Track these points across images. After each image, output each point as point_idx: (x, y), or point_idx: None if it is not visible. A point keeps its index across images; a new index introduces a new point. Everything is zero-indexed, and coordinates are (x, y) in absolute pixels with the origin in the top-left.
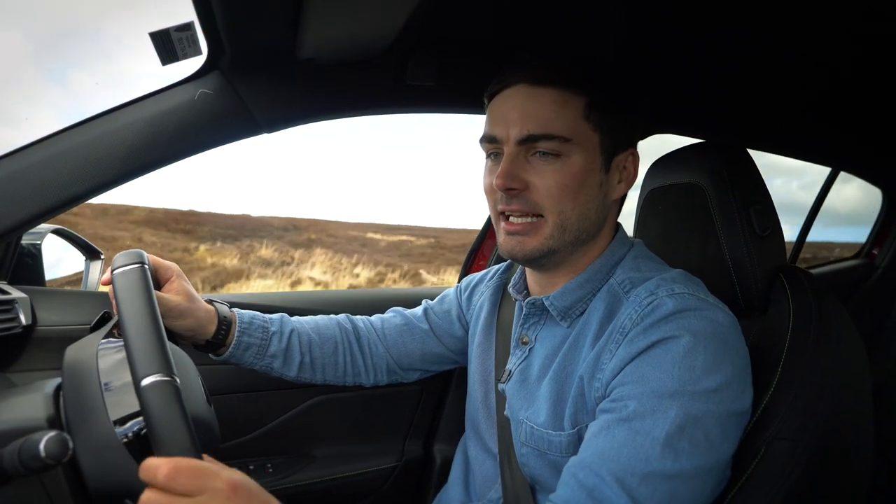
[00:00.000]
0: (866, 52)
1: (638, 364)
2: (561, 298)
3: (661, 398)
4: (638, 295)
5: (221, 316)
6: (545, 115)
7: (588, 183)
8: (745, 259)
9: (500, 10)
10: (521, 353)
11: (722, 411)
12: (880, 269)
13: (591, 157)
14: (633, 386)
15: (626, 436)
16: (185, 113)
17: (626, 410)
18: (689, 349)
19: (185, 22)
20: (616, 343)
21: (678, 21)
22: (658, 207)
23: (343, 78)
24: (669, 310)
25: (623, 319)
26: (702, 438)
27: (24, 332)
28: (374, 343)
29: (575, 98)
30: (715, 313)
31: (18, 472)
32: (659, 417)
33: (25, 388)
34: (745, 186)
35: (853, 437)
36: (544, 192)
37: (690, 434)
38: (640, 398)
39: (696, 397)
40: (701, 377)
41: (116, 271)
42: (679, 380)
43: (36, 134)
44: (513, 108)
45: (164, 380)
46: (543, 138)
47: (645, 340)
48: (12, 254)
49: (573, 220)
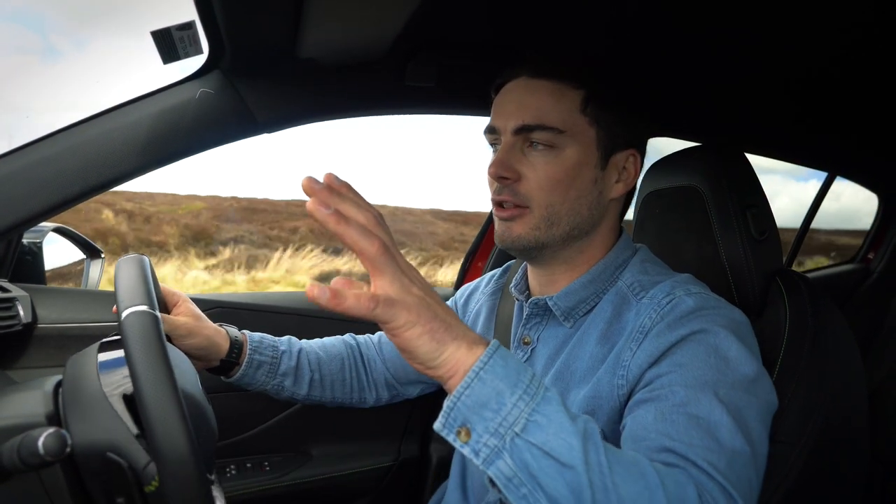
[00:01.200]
0: (862, 57)
1: (672, 357)
2: (564, 299)
3: (706, 386)
4: (654, 296)
5: (232, 336)
6: (541, 106)
7: (581, 177)
8: (742, 262)
9: (500, 11)
10: (522, 354)
11: (761, 402)
12: (875, 273)
13: (586, 152)
14: (674, 375)
15: (688, 420)
16: (185, 112)
17: (677, 397)
18: (721, 341)
19: (187, 21)
20: (636, 341)
21: (675, 24)
22: (655, 210)
23: (343, 78)
24: (690, 307)
25: (642, 319)
26: (749, 428)
27: (25, 330)
28: (373, 359)
29: (572, 91)
30: (733, 312)
31: (17, 468)
32: (715, 407)
33: (25, 384)
34: (743, 189)
35: (849, 441)
36: (535, 184)
37: (743, 421)
38: (687, 387)
39: (737, 386)
40: (737, 367)
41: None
42: (717, 369)
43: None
44: (511, 100)
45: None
46: (538, 128)
47: (673, 335)
48: (13, 252)
49: (562, 213)
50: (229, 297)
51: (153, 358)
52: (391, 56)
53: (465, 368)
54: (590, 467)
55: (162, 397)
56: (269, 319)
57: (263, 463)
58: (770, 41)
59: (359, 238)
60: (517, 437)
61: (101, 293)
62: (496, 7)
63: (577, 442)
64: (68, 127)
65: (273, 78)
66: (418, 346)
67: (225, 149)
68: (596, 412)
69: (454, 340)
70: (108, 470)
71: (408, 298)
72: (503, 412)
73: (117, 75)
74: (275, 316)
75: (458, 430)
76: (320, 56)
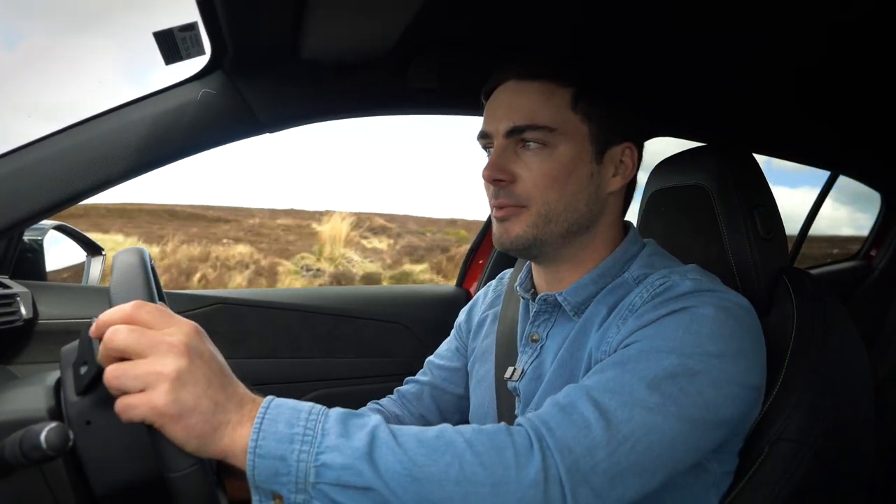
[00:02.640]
0: (866, 56)
1: (645, 329)
2: (574, 294)
3: (659, 351)
4: (650, 280)
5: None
6: (530, 107)
7: (577, 173)
8: (749, 261)
9: (500, 11)
10: (531, 351)
11: (720, 377)
12: (878, 270)
13: (579, 148)
14: (637, 344)
15: (615, 372)
16: (187, 112)
17: (622, 356)
18: (697, 318)
19: (189, 22)
20: (623, 318)
21: (676, 23)
22: (661, 209)
23: (345, 79)
24: (684, 289)
25: (633, 298)
26: (694, 392)
27: (26, 326)
28: (404, 418)
29: (561, 89)
30: (731, 295)
31: (20, 463)
32: (653, 361)
33: (27, 379)
34: (749, 189)
35: (855, 439)
36: (531, 183)
37: (682, 384)
38: (640, 349)
39: (695, 357)
40: (703, 343)
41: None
42: (681, 341)
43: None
44: (500, 104)
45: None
46: (528, 129)
47: (655, 313)
48: (14, 249)
49: (559, 210)
50: (230, 294)
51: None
52: (393, 56)
53: (242, 447)
54: (386, 478)
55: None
56: (269, 315)
57: None
58: (772, 40)
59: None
60: (315, 486)
61: (102, 289)
62: (497, 7)
63: (364, 463)
64: (70, 126)
65: (275, 78)
66: (183, 443)
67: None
68: None
69: (216, 430)
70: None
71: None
72: (292, 472)
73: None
74: (275, 312)
75: (273, 498)
76: (322, 56)
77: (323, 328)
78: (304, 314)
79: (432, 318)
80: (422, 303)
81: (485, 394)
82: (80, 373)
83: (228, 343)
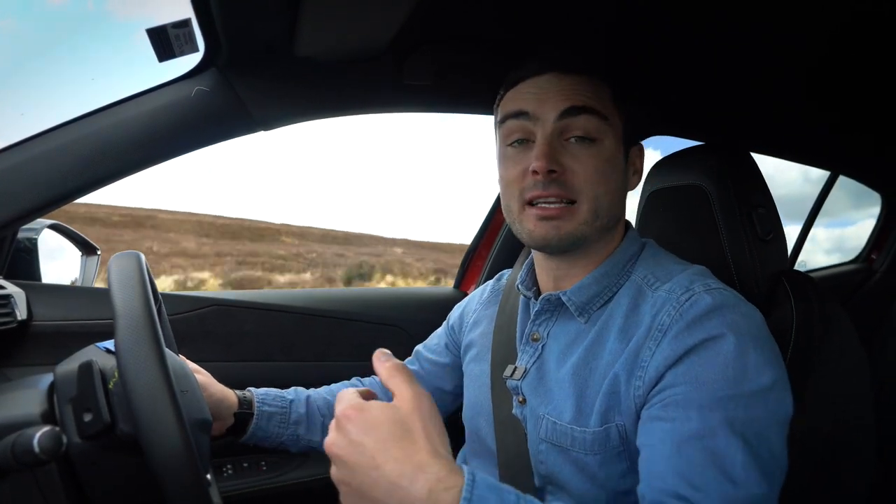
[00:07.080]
0: (866, 56)
1: (689, 365)
2: (578, 294)
3: (720, 407)
4: (672, 290)
5: (239, 394)
6: (586, 93)
7: (618, 169)
8: (748, 262)
9: (499, 8)
10: (532, 350)
11: (779, 411)
12: (878, 273)
13: (618, 144)
14: (689, 391)
15: (705, 458)
16: (181, 110)
17: (692, 425)
18: (738, 348)
19: (183, 19)
20: (655, 340)
21: (676, 22)
22: (659, 209)
23: (340, 76)
24: (709, 305)
25: (661, 317)
26: (761, 452)
27: (20, 327)
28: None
29: (603, 84)
30: (750, 310)
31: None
32: (732, 440)
33: (20, 382)
34: (748, 189)
35: (855, 441)
36: (582, 177)
37: (758, 446)
38: (701, 408)
39: (753, 401)
40: (754, 377)
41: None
42: (734, 381)
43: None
44: (548, 87)
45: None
46: (585, 112)
47: (690, 339)
48: (8, 248)
49: (605, 206)
50: (225, 296)
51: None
52: (388, 54)
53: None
54: None
55: (155, 390)
56: (264, 317)
57: (260, 463)
58: (771, 39)
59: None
60: None
61: (97, 290)
62: (495, 4)
63: None
64: (65, 123)
65: (269, 75)
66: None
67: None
68: (614, 408)
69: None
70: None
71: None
72: None
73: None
74: (270, 314)
75: None
76: (317, 53)
77: (319, 330)
78: (300, 316)
79: (429, 320)
80: (419, 305)
81: (479, 391)
82: (84, 420)
83: (223, 345)
